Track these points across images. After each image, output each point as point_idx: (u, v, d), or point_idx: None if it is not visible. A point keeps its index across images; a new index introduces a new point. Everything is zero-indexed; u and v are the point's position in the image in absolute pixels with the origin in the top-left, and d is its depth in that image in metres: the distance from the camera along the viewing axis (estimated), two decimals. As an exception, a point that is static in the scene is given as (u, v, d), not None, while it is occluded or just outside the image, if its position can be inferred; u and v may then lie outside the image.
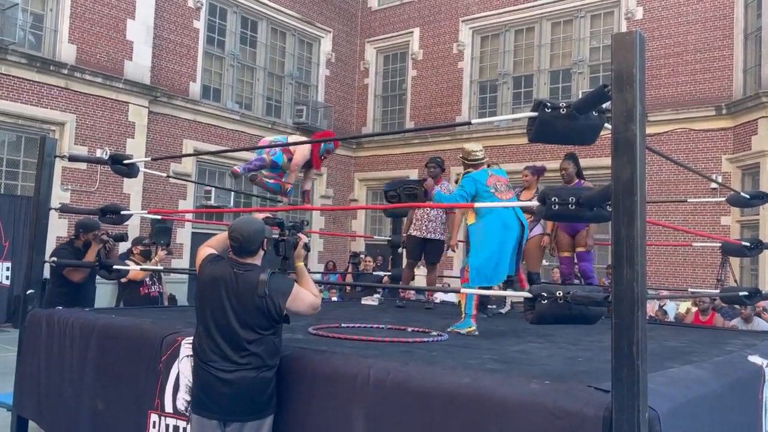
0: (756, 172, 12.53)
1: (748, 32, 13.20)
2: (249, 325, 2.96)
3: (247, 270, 3.03)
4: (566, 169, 6.03)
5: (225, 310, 2.98)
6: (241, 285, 2.98)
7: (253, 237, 3.06)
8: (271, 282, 2.97)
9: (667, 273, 13.49)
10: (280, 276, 3.10)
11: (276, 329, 3.02)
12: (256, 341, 2.95)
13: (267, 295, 2.94)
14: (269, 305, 2.95)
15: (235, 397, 2.93)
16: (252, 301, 2.95)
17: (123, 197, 13.23)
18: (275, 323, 3.00)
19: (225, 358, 2.96)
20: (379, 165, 18.39)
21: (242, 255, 3.08)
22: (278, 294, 2.98)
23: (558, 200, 2.71)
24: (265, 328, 2.97)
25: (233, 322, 2.96)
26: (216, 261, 3.18)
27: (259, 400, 2.97)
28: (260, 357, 2.95)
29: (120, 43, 13.60)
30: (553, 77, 15.97)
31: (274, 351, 3.02)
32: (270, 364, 2.99)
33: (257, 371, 2.95)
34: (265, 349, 2.97)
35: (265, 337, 2.97)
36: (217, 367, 2.96)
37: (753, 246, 5.19)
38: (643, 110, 2.30)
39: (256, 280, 2.96)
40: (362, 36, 19.36)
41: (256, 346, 2.95)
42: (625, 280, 2.22)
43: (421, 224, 6.69)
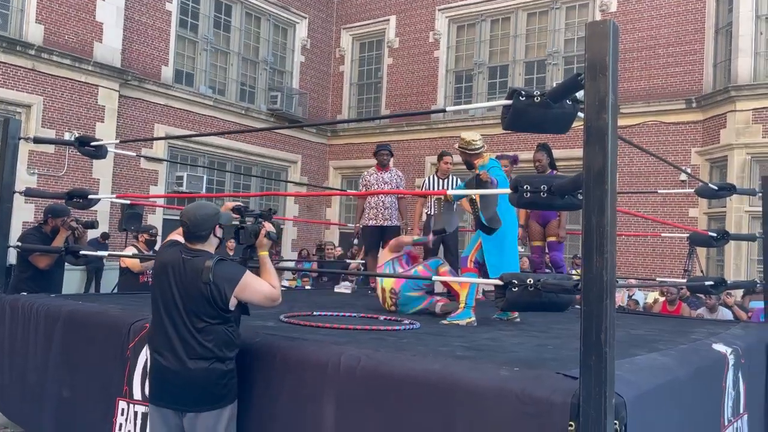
0: (724, 165, 12.78)
1: (718, 27, 13.40)
2: (195, 313, 2.85)
3: (195, 256, 2.92)
4: (540, 160, 6.07)
5: (173, 297, 2.89)
6: (187, 271, 2.89)
7: (202, 222, 2.95)
8: (217, 269, 2.85)
9: (637, 263, 13.72)
10: (230, 263, 2.99)
11: (225, 318, 2.89)
12: (203, 330, 2.85)
13: (211, 282, 2.82)
14: (214, 293, 2.83)
15: (186, 387, 2.84)
16: (197, 288, 2.84)
17: (92, 182, 12.97)
18: (223, 312, 2.87)
19: (173, 347, 2.87)
20: (354, 153, 18.32)
21: (191, 240, 2.98)
22: (224, 281, 2.85)
23: (530, 188, 2.72)
24: (212, 317, 2.85)
25: (180, 309, 2.87)
26: (169, 247, 3.10)
27: (212, 391, 2.86)
28: (208, 347, 2.84)
29: (89, 24, 13.27)
30: (528, 68, 16.04)
31: (226, 341, 2.89)
32: (221, 356, 2.87)
33: (207, 362, 2.84)
34: (215, 338, 2.86)
35: (212, 326, 2.86)
36: (166, 356, 2.88)
37: (719, 237, 5.30)
38: (616, 99, 2.31)
39: (202, 266, 2.85)
40: (338, 23, 19.20)
41: (204, 335, 2.85)
42: (594, 269, 2.23)
43: (377, 212, 6.70)
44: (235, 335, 2.96)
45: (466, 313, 4.43)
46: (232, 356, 2.94)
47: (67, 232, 5.40)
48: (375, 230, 6.84)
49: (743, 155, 12.32)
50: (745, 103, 12.32)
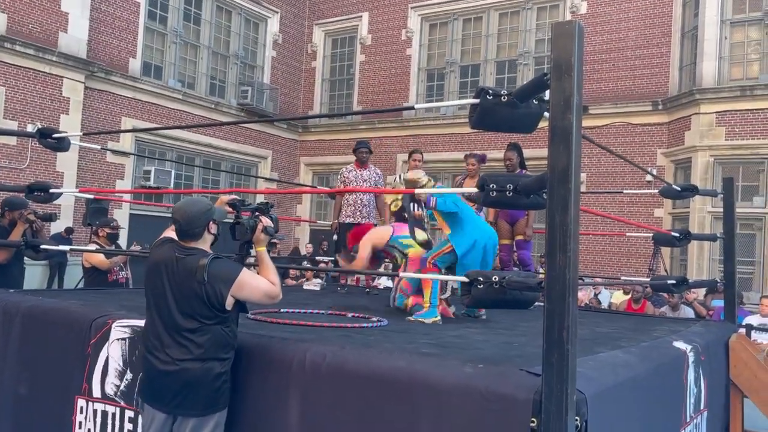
0: (688, 166, 13.05)
1: (684, 31, 13.67)
2: (189, 313, 2.76)
3: (189, 254, 2.82)
4: (510, 159, 6.13)
5: (166, 296, 2.80)
6: (181, 270, 2.79)
7: (195, 219, 2.85)
8: (212, 267, 2.75)
9: (603, 262, 13.94)
10: (225, 261, 2.87)
11: (221, 318, 2.79)
12: (198, 331, 2.76)
13: (206, 281, 2.72)
14: (209, 292, 2.73)
15: (177, 390, 2.75)
16: (191, 288, 2.75)
17: (56, 175, 12.70)
18: (219, 312, 2.78)
19: (166, 347, 2.77)
20: (325, 149, 18.26)
21: (184, 238, 2.88)
22: (219, 280, 2.75)
23: (496, 187, 2.73)
24: (207, 317, 2.76)
25: (174, 309, 2.78)
26: (162, 244, 2.99)
27: (204, 395, 2.76)
28: (203, 348, 2.75)
29: (54, 14, 12.97)
30: (499, 67, 16.16)
31: (222, 342, 2.80)
32: (215, 356, 2.77)
33: (201, 363, 2.74)
34: (210, 339, 2.76)
35: (207, 327, 2.76)
36: (158, 356, 2.79)
37: (682, 237, 5.41)
38: (580, 100, 2.33)
39: (196, 265, 2.76)
40: (310, 18, 19.10)
41: (198, 335, 2.75)
42: (557, 267, 2.25)
43: (354, 210, 6.69)
44: (232, 335, 2.86)
45: (432, 312, 4.44)
46: (228, 357, 2.85)
47: (24, 225, 5.27)
48: (351, 227, 6.82)
49: (707, 157, 12.60)
50: (708, 106, 12.60)
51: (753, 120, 12.31)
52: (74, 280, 11.68)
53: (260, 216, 3.05)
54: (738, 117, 12.44)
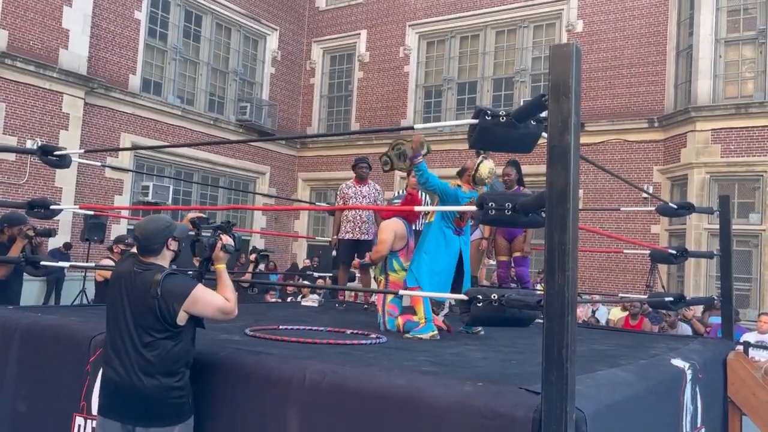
0: (684, 183, 13.12)
1: (680, 49, 13.81)
2: (143, 327, 2.84)
3: (146, 269, 2.90)
4: (509, 176, 6.16)
5: (123, 310, 2.89)
6: (137, 284, 2.87)
7: (153, 236, 2.94)
8: (166, 283, 2.82)
9: (600, 278, 13.96)
10: (180, 277, 2.95)
11: (173, 333, 2.85)
12: (150, 345, 2.82)
13: (159, 296, 2.80)
14: (162, 307, 2.81)
15: (133, 402, 2.82)
16: (146, 302, 2.82)
17: (55, 191, 12.71)
18: (170, 327, 2.84)
19: (122, 361, 2.85)
20: (323, 165, 18.32)
21: (143, 254, 2.97)
22: (172, 296, 2.82)
23: (495, 206, 2.77)
24: (159, 332, 2.83)
25: (130, 323, 2.86)
26: (124, 259, 3.10)
27: (160, 407, 2.82)
28: (154, 363, 2.81)
29: (55, 31, 13.06)
30: (496, 85, 16.29)
31: (174, 357, 2.85)
32: (167, 371, 2.83)
33: (153, 377, 2.81)
34: (161, 353, 2.83)
35: (159, 341, 2.83)
36: (114, 369, 2.87)
37: (679, 254, 5.43)
38: (578, 120, 2.37)
39: (151, 280, 2.83)
40: (309, 35, 19.25)
41: (150, 350, 2.82)
42: (556, 285, 2.28)
43: (354, 226, 6.70)
44: (184, 350, 2.91)
45: (428, 327, 4.45)
46: (182, 372, 2.89)
47: (23, 241, 5.28)
48: (350, 243, 6.83)
49: (702, 174, 12.68)
50: (704, 124, 12.70)
51: (748, 137, 12.41)
52: (72, 295, 11.67)
53: (221, 234, 3.13)
54: (733, 134, 12.54)
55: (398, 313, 4.86)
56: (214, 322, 3.23)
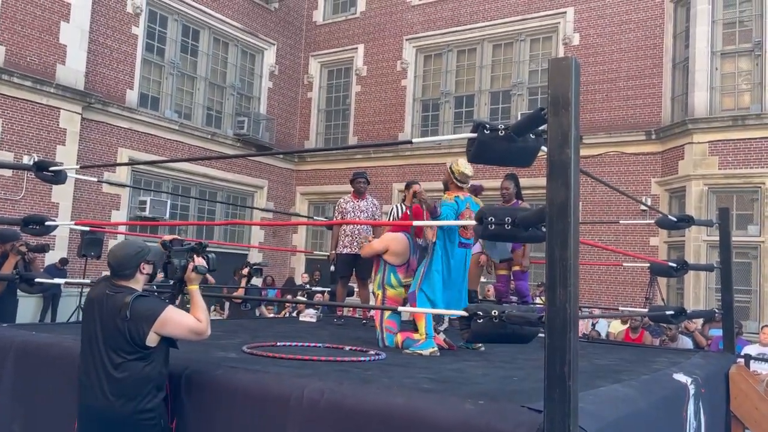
0: (682, 195, 13.12)
1: (676, 62, 13.86)
2: (114, 349, 2.89)
3: (118, 292, 2.96)
4: (507, 189, 6.15)
5: (96, 332, 2.94)
6: (109, 307, 2.93)
7: (125, 261, 3.00)
8: (135, 305, 2.87)
9: (600, 291, 13.91)
10: (150, 299, 2.99)
11: (143, 355, 2.89)
12: (120, 366, 2.86)
13: (128, 319, 2.85)
14: (131, 329, 2.86)
15: (104, 423, 2.86)
16: (116, 325, 2.88)
17: (51, 206, 12.67)
18: (140, 348, 2.88)
19: (92, 382, 2.90)
20: (321, 179, 18.31)
21: (116, 278, 3.03)
22: (141, 318, 2.87)
23: (495, 220, 2.73)
24: (129, 353, 2.87)
25: (101, 345, 2.91)
26: (98, 282, 3.17)
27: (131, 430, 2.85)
28: (125, 384, 2.85)
29: (52, 47, 13.08)
30: (493, 98, 16.32)
31: (145, 378, 2.89)
32: (137, 393, 2.85)
33: (122, 399, 2.83)
34: (131, 375, 2.86)
35: (129, 363, 2.87)
36: (87, 391, 2.92)
37: (679, 267, 5.40)
38: (578, 134, 2.34)
39: (122, 303, 2.88)
40: (306, 50, 19.31)
41: (121, 371, 2.86)
42: (558, 301, 2.24)
43: (352, 240, 6.67)
44: (155, 372, 2.93)
45: (429, 344, 4.41)
46: (153, 393, 2.91)
47: (16, 258, 5.24)
48: (349, 258, 6.80)
49: (700, 186, 12.67)
50: (701, 136, 12.71)
51: (745, 149, 12.42)
52: (69, 311, 11.58)
53: (193, 256, 3.18)
54: (730, 146, 12.55)
55: (397, 330, 4.82)
56: (222, 339, 3.23)
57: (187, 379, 3.13)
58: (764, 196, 12.17)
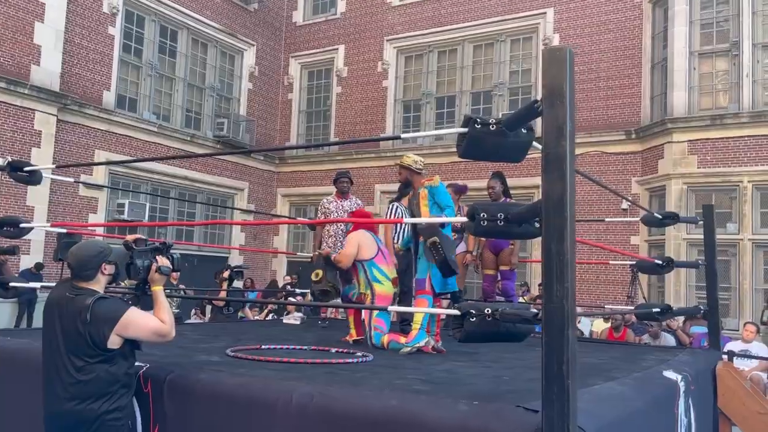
0: (662, 194, 13.22)
1: (654, 62, 13.98)
2: (75, 352, 2.82)
3: (78, 294, 2.88)
4: (493, 188, 6.11)
5: (56, 335, 2.87)
6: (69, 309, 2.86)
7: (86, 262, 2.94)
8: (96, 308, 2.80)
9: (581, 290, 13.93)
10: (111, 301, 2.92)
11: (105, 357, 2.83)
12: (82, 369, 2.81)
13: (89, 322, 2.78)
14: (92, 332, 2.79)
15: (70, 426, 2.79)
16: (76, 327, 2.81)
17: (27, 210, 12.38)
18: (102, 351, 2.81)
19: (54, 386, 2.83)
20: (302, 181, 18.18)
21: (77, 279, 2.96)
22: (101, 321, 2.80)
23: (487, 216, 2.67)
24: (91, 356, 2.81)
25: (62, 348, 2.85)
26: (60, 284, 3.11)
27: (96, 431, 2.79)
28: (89, 386, 2.78)
29: (26, 47, 12.80)
30: (474, 98, 16.32)
31: (110, 380, 2.84)
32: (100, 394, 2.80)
33: (88, 402, 2.77)
34: (95, 377, 2.80)
35: (91, 366, 2.81)
36: (50, 394, 2.85)
37: (665, 264, 5.40)
38: (573, 127, 2.29)
39: (82, 305, 2.81)
40: (287, 51, 19.17)
41: (83, 374, 2.80)
42: (555, 297, 2.18)
43: (335, 240, 6.59)
44: (121, 372, 2.87)
45: (422, 335, 4.37)
46: (120, 393, 2.86)
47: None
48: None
49: (680, 185, 12.78)
50: (680, 135, 12.82)
51: (723, 148, 12.55)
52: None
53: (157, 256, 3.12)
54: (709, 145, 12.68)
55: (386, 329, 4.76)
56: (205, 342, 3.14)
57: (170, 384, 3.02)
58: (742, 194, 12.31)
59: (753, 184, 12.25)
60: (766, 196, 12.36)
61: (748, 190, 12.25)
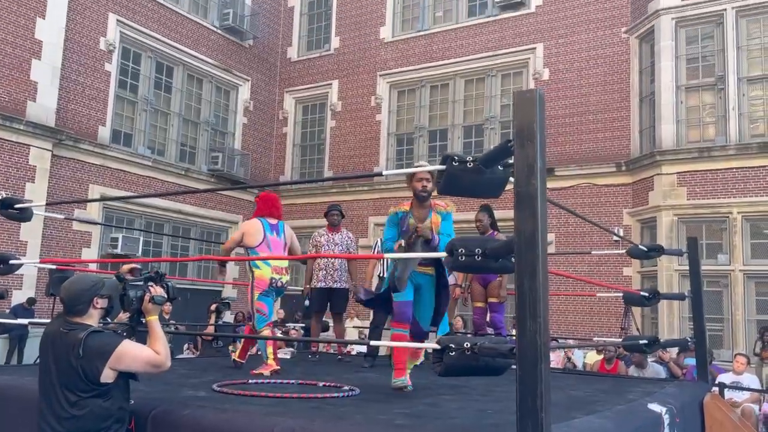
0: (653, 225, 13.32)
1: (642, 96, 14.22)
2: (69, 387, 2.82)
3: (72, 329, 2.89)
4: (481, 221, 6.20)
5: (50, 370, 2.89)
6: (63, 344, 2.87)
7: (77, 297, 2.94)
8: (88, 342, 2.80)
9: (575, 321, 13.95)
10: (103, 335, 2.92)
11: (100, 392, 2.83)
12: (76, 404, 2.80)
13: (81, 357, 2.79)
14: (84, 367, 2.79)
15: None
16: (69, 362, 2.82)
17: (20, 245, 12.40)
18: (96, 386, 2.82)
19: (48, 421, 2.83)
20: (295, 214, 18.22)
21: (69, 314, 2.97)
22: (94, 355, 2.80)
23: (465, 251, 2.73)
24: (84, 391, 2.81)
25: (56, 383, 2.85)
26: (54, 319, 3.12)
27: None
28: (83, 422, 2.78)
29: (23, 84, 12.98)
30: (466, 132, 16.53)
31: (102, 415, 2.83)
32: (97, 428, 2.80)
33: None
34: (88, 413, 2.80)
35: (85, 400, 2.80)
36: (44, 429, 2.84)
37: (651, 296, 5.44)
38: (544, 165, 2.37)
39: (75, 340, 2.82)
40: (281, 85, 19.44)
41: (77, 409, 2.80)
42: (528, 333, 2.24)
43: (326, 273, 6.64)
44: (115, 407, 2.87)
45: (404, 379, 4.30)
46: (114, 428, 2.86)
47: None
48: (323, 292, 6.76)
49: (670, 216, 12.89)
50: (669, 167, 12.99)
51: (712, 180, 12.70)
52: (35, 353, 11.23)
53: (150, 286, 3.11)
54: (698, 177, 12.83)
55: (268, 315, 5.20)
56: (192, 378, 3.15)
57: (153, 420, 3.04)
58: (732, 226, 12.42)
59: (742, 215, 12.36)
60: (755, 227, 12.47)
61: (738, 222, 12.37)
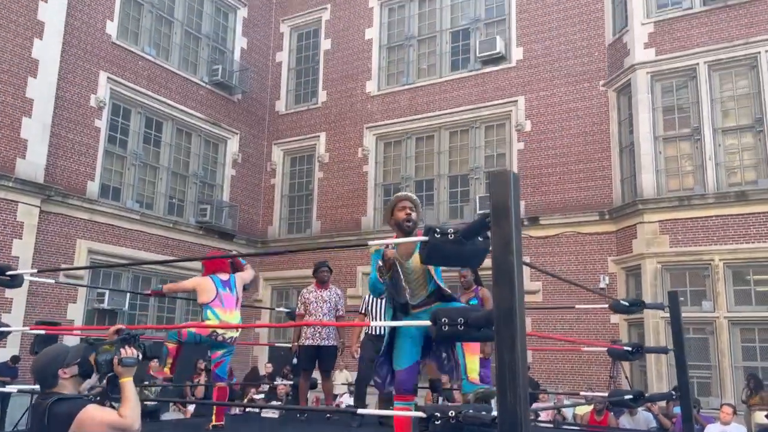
0: (638, 273, 13.49)
1: (622, 146, 14.58)
2: None
3: (44, 399, 2.94)
4: (465, 277, 6.31)
5: None
6: (36, 414, 2.92)
7: (42, 372, 2.99)
8: (53, 410, 2.85)
9: (564, 371, 13.94)
10: (67, 402, 2.92)
11: None
12: None
13: (47, 426, 2.83)
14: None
15: None
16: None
17: (5, 302, 12.31)
18: None
19: None
20: (284, 264, 18.27)
21: (42, 388, 3.02)
22: (58, 423, 2.84)
23: (448, 321, 2.84)
24: None
25: None
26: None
27: None
28: None
29: (13, 141, 13.10)
30: (452, 182, 16.79)
31: None
32: None
33: None
34: None
35: None
36: None
37: (634, 351, 5.54)
38: (519, 241, 2.49)
39: (43, 409, 2.87)
40: (269, 138, 19.72)
41: None
42: (508, 404, 2.32)
43: (314, 331, 6.68)
44: None
45: None
46: None
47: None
48: (311, 350, 6.78)
49: (654, 264, 13.07)
50: (651, 216, 13.24)
51: (693, 228, 12.94)
52: (18, 413, 11.03)
53: (122, 348, 3.08)
54: (679, 225, 13.08)
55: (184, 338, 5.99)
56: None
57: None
58: (714, 273, 12.60)
59: (724, 262, 12.57)
60: (738, 273, 12.66)
61: (720, 269, 12.56)
